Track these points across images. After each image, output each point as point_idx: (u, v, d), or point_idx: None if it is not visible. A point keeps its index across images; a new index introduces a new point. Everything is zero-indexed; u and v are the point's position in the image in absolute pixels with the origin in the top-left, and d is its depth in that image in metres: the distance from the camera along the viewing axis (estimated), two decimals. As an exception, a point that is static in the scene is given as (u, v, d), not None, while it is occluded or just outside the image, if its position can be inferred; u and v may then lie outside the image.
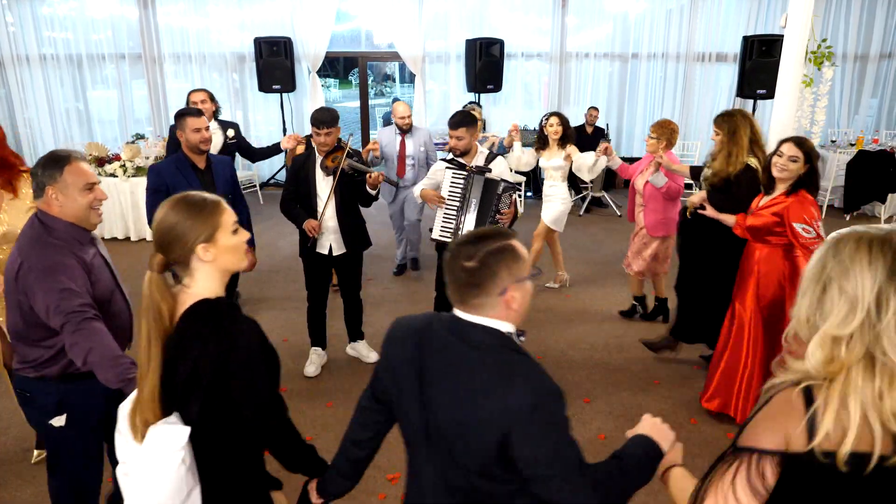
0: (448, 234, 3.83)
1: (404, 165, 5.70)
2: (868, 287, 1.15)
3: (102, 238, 6.89)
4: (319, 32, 8.92)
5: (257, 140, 8.49)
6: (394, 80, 18.36)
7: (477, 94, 8.99)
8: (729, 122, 3.67)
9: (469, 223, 3.78)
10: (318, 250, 3.97)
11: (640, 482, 1.52)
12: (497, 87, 8.86)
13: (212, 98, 5.04)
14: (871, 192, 7.68)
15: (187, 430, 1.51)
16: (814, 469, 1.14)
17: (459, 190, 3.80)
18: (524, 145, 5.32)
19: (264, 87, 8.69)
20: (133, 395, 1.62)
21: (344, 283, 4.16)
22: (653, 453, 1.55)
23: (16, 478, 3.19)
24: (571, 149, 4.98)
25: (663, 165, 4.30)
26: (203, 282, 1.60)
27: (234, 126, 5.39)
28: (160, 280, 1.55)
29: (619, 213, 8.15)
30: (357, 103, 10.42)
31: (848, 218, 7.88)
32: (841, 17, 9.28)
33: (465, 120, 3.81)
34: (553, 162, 5.12)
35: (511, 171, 4.46)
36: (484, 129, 5.68)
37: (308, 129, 8.76)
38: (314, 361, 4.21)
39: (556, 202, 5.22)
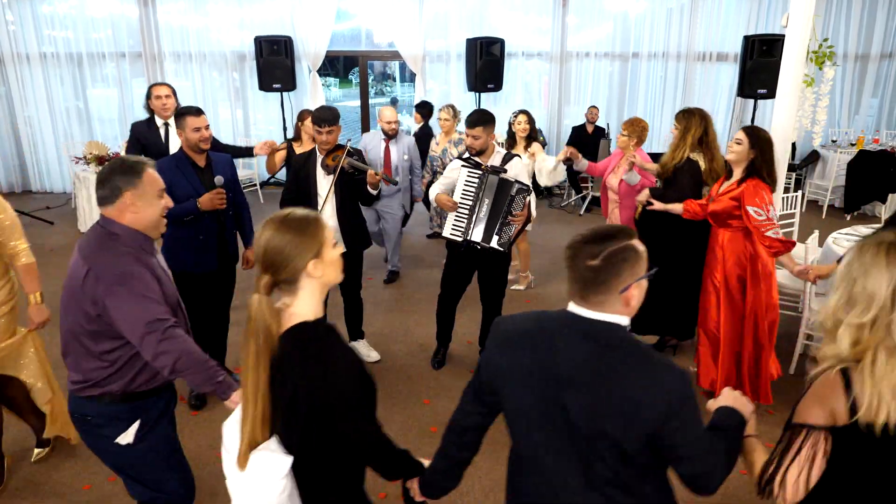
0: (459, 234, 3.82)
1: (390, 172, 5.51)
2: (885, 285, 1.42)
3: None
4: (320, 31, 8.91)
5: (258, 139, 8.48)
6: (394, 80, 18.35)
7: (477, 94, 8.99)
8: (687, 120, 3.97)
9: (480, 223, 3.76)
10: (318, 249, 3.96)
11: (738, 451, 1.65)
12: (497, 86, 8.86)
13: (174, 94, 4.82)
14: (871, 192, 7.68)
15: (289, 459, 1.56)
16: (858, 438, 1.42)
17: (473, 189, 3.78)
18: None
19: (264, 85, 8.68)
20: (236, 413, 1.66)
21: (344, 283, 4.12)
22: (741, 424, 1.66)
23: (16, 477, 3.18)
24: (536, 147, 5.16)
25: (636, 164, 4.44)
26: (306, 300, 1.61)
27: None
28: (269, 301, 1.56)
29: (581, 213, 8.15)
30: (357, 102, 10.42)
31: (848, 218, 7.87)
32: (842, 17, 9.28)
33: (482, 119, 3.77)
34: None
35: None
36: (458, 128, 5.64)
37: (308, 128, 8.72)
38: (314, 361, 4.20)
39: None
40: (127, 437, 2.17)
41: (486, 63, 8.57)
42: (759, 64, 8.16)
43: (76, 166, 7.59)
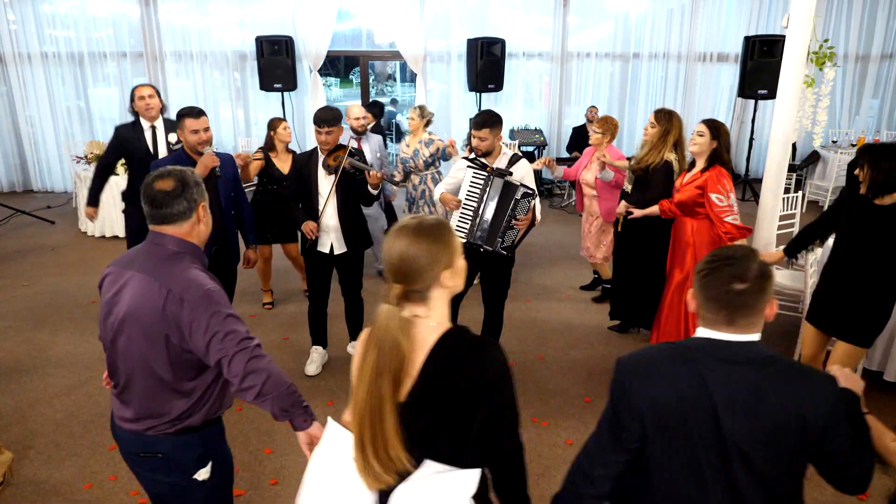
0: (462, 235, 3.81)
1: None
2: None
3: (103, 236, 6.91)
4: (321, 31, 8.92)
5: (259, 140, 8.50)
6: (395, 80, 18.36)
7: (478, 94, 8.99)
8: (668, 120, 4.21)
9: (484, 226, 3.76)
10: (318, 249, 3.97)
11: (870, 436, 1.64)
12: (498, 86, 8.86)
13: (158, 94, 4.60)
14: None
15: (478, 472, 1.52)
16: None
17: (478, 191, 3.76)
18: (528, 144, 5.39)
19: (265, 85, 8.69)
20: (344, 438, 1.60)
21: (345, 282, 4.16)
22: (859, 404, 1.62)
23: (16, 475, 3.19)
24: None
25: (607, 163, 4.72)
26: (439, 309, 1.56)
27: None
28: (400, 313, 1.50)
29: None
30: (358, 102, 10.41)
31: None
32: (842, 18, 9.28)
33: (489, 120, 3.74)
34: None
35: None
36: (427, 126, 5.58)
37: (309, 128, 8.72)
38: (315, 360, 4.21)
39: None
40: (205, 472, 2.01)
41: (486, 63, 8.57)
42: (760, 64, 8.17)
43: (77, 165, 7.61)
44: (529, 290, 5.67)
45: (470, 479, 1.51)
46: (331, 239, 3.95)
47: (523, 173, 3.83)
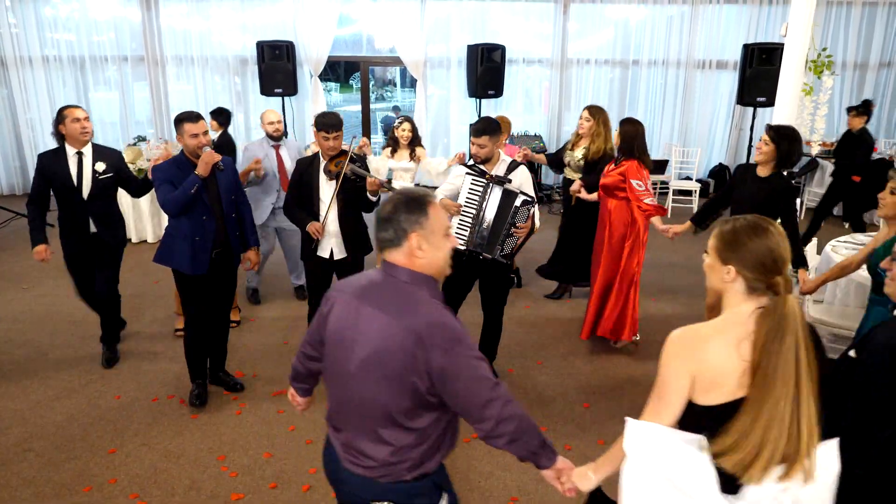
0: (461, 242, 3.82)
1: (286, 181, 4.86)
2: None
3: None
4: (322, 36, 8.95)
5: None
6: (395, 85, 18.41)
7: (478, 100, 9.02)
8: (602, 114, 4.96)
9: (483, 233, 3.77)
10: (319, 254, 3.97)
11: None
12: (498, 92, 8.89)
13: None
14: (870, 201, 7.69)
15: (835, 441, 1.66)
16: None
17: (477, 197, 3.78)
18: (537, 151, 5.57)
19: (266, 90, 8.71)
20: (656, 432, 1.68)
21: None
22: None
23: (16, 477, 3.19)
24: (421, 151, 5.50)
25: (530, 156, 5.20)
26: None
27: (112, 154, 4.17)
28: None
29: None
30: (358, 107, 10.44)
31: (847, 226, 7.90)
32: (840, 27, 9.33)
33: (488, 128, 3.77)
34: (402, 164, 5.47)
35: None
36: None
37: (309, 133, 8.72)
38: (315, 364, 4.21)
39: None
40: None
41: (486, 69, 8.60)
42: (759, 72, 8.20)
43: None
44: (529, 295, 5.68)
45: (831, 449, 1.64)
46: (331, 244, 3.96)
47: (522, 180, 3.85)
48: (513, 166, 3.88)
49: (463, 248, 3.81)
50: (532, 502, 3.06)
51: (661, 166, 8.79)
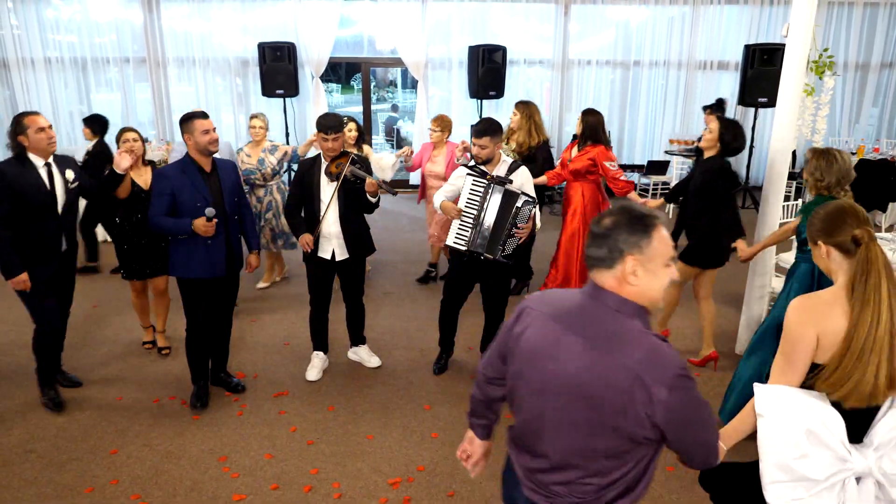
0: (462, 242, 3.82)
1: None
2: None
3: (105, 240, 6.92)
4: (323, 38, 8.96)
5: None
6: (395, 86, 18.41)
7: (479, 101, 9.02)
8: (527, 108, 5.30)
9: (485, 234, 3.77)
10: (320, 255, 3.98)
11: None
12: (499, 93, 8.89)
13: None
14: (871, 201, 7.69)
15: None
16: None
17: (478, 198, 3.79)
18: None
19: (267, 91, 8.71)
20: (782, 393, 1.87)
21: (346, 289, 4.17)
22: None
23: (18, 478, 3.20)
24: (367, 150, 5.53)
25: (466, 151, 5.28)
26: None
27: (71, 160, 3.81)
28: None
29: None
30: (359, 108, 10.44)
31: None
32: (842, 27, 9.32)
33: (489, 129, 3.78)
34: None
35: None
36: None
37: (309, 134, 8.75)
38: (316, 365, 4.22)
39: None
40: None
41: (487, 70, 8.60)
42: (760, 73, 8.20)
43: (79, 170, 7.62)
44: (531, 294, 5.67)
45: None
46: (332, 245, 3.96)
47: (523, 181, 3.85)
48: (514, 167, 3.88)
49: (464, 248, 3.82)
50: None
51: (662, 167, 8.78)
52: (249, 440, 3.53)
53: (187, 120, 3.55)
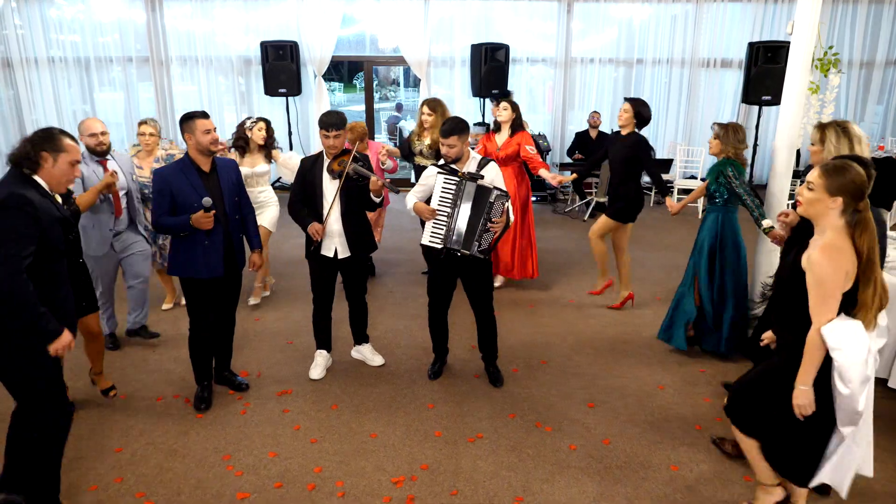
0: (438, 241, 3.83)
1: (119, 207, 4.23)
2: None
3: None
4: (325, 36, 8.96)
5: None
6: (398, 85, 18.41)
7: (482, 99, 9.01)
8: (440, 106, 5.57)
9: (460, 230, 3.78)
10: (322, 253, 3.98)
11: None
12: (502, 91, 8.88)
13: None
14: (876, 199, 7.62)
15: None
16: None
17: (450, 196, 3.80)
18: (542, 150, 5.77)
19: (270, 90, 8.73)
20: (849, 326, 2.38)
21: (349, 287, 4.17)
22: None
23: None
24: (276, 152, 5.26)
25: (389, 154, 5.66)
26: None
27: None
28: None
29: (585, 219, 8.14)
30: (362, 107, 10.45)
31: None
32: (847, 25, 9.29)
33: (457, 128, 3.80)
34: (259, 168, 5.16)
35: None
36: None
37: (314, 133, 8.72)
38: (319, 364, 4.22)
39: (272, 207, 5.29)
40: None
41: (490, 68, 8.60)
42: (764, 71, 8.18)
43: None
44: (533, 294, 5.67)
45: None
46: (335, 243, 3.96)
47: (493, 176, 3.87)
48: (483, 163, 3.90)
49: (439, 247, 3.82)
50: (537, 502, 3.06)
51: (665, 165, 8.76)
52: (253, 438, 3.53)
53: (188, 119, 3.54)
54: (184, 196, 3.52)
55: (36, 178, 2.74)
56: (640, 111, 4.90)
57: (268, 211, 5.24)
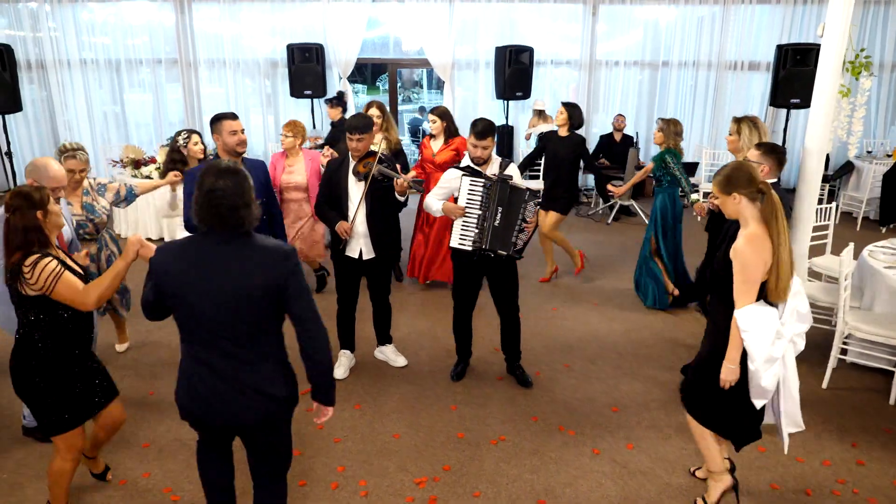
0: (467, 243, 3.84)
1: (65, 247, 3.46)
2: None
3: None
4: (350, 39, 9.03)
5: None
6: (421, 87, 18.46)
7: (505, 101, 9.01)
8: (385, 111, 5.58)
9: (496, 231, 3.78)
10: (347, 254, 4.01)
11: None
12: (526, 94, 8.87)
13: None
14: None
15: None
16: None
17: (479, 198, 3.81)
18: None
19: (296, 92, 8.82)
20: (760, 310, 2.61)
21: (373, 287, 4.19)
22: None
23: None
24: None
25: (328, 155, 5.50)
26: None
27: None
28: None
29: (647, 222, 8.08)
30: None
31: (884, 230, 7.71)
32: (878, 27, 9.12)
33: (490, 129, 3.82)
34: None
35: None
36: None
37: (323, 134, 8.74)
38: (343, 364, 4.25)
39: None
40: None
41: (514, 71, 8.59)
42: (793, 73, 8.05)
43: (113, 169, 7.79)
44: (556, 297, 5.66)
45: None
46: (360, 244, 3.99)
47: (516, 177, 3.88)
48: (505, 164, 3.92)
49: (471, 249, 3.82)
50: (560, 506, 3.05)
51: (691, 168, 8.67)
52: (277, 437, 3.56)
53: (217, 120, 3.62)
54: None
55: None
56: (573, 114, 5.60)
57: None
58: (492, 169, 3.89)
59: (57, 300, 2.55)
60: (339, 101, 7.34)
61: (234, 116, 3.66)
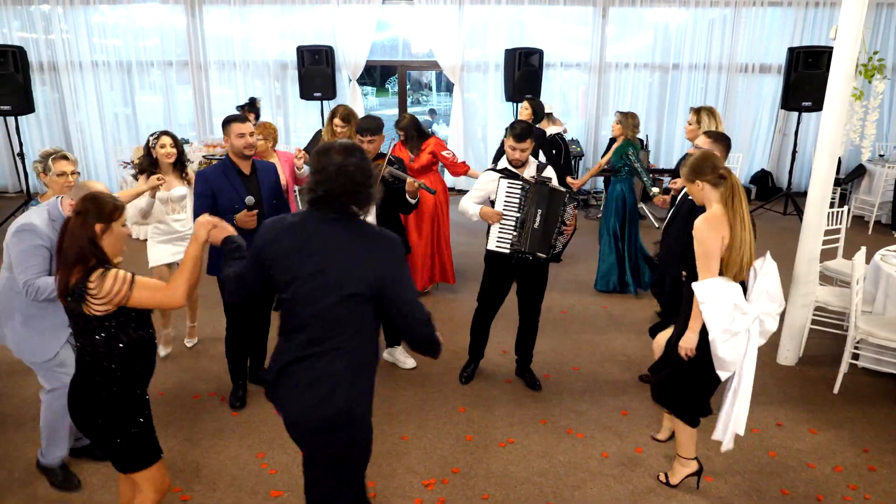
0: (506, 246, 3.82)
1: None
2: None
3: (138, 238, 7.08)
4: (360, 41, 9.05)
5: (298, 147, 8.62)
6: (430, 89, 18.48)
7: (515, 104, 9.00)
8: (354, 117, 5.22)
9: (536, 234, 3.75)
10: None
11: None
12: (535, 96, 8.85)
13: None
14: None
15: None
16: None
17: (517, 201, 3.79)
18: (575, 156, 5.82)
19: (305, 94, 8.85)
20: (721, 286, 2.77)
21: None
22: None
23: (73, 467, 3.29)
24: (190, 171, 4.38)
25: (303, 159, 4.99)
26: None
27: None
28: None
29: (656, 225, 8.05)
30: (394, 111, 10.50)
31: (896, 234, 7.66)
32: (891, 30, 9.06)
33: (529, 131, 3.79)
34: (176, 191, 4.24)
35: None
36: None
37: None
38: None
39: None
40: None
41: (524, 73, 8.58)
42: (804, 76, 8.01)
43: (124, 170, 7.84)
44: (565, 300, 5.64)
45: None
46: (370, 246, 3.99)
47: (554, 179, 3.87)
48: (541, 167, 3.90)
49: (508, 251, 3.80)
50: (568, 509, 3.04)
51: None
52: (287, 438, 3.55)
53: (227, 123, 3.65)
54: (225, 197, 3.58)
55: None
56: (536, 110, 5.79)
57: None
58: (529, 171, 3.87)
59: (134, 308, 2.28)
60: (252, 107, 7.41)
61: (243, 119, 3.68)
